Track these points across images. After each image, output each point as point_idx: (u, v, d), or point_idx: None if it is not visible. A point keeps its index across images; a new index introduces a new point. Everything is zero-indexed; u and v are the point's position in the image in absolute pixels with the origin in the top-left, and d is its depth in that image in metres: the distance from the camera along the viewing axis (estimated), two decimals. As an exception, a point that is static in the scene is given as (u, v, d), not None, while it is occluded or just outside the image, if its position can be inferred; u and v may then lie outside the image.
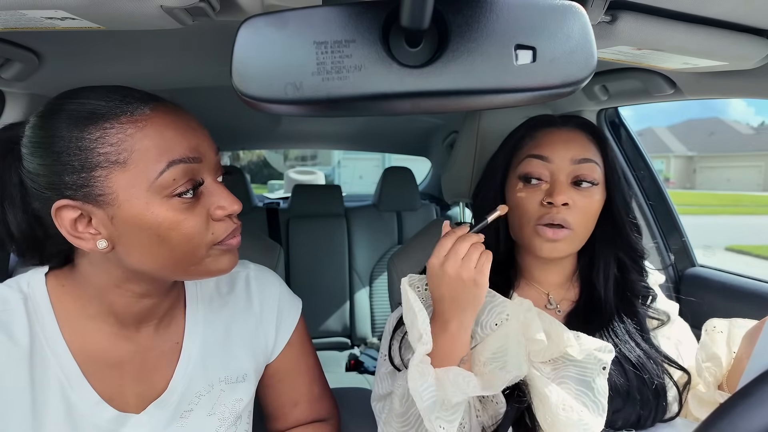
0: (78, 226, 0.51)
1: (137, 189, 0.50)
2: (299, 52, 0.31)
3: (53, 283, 0.58)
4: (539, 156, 0.71)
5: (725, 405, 0.36)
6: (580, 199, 0.70)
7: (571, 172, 0.70)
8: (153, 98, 0.54)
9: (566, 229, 0.69)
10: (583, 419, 0.61)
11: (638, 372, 0.70)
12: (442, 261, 0.64)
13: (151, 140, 0.51)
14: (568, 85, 0.33)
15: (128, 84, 0.55)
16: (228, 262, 0.58)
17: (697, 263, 1.34)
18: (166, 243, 0.52)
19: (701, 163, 37.20)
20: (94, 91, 0.52)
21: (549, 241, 0.69)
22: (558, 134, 0.72)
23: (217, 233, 0.55)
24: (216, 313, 0.67)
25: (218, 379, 0.65)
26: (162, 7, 0.49)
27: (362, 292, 2.28)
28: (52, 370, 0.56)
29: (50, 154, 0.50)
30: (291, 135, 2.43)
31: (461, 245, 0.64)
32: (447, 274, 0.63)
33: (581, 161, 0.70)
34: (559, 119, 0.76)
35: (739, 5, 0.55)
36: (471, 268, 0.63)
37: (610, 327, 0.73)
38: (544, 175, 0.70)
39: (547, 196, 0.69)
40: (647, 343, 0.74)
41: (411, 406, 0.65)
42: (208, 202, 0.55)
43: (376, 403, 0.75)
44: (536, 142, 0.73)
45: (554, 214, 0.68)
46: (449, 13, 0.32)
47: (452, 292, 0.64)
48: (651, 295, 0.79)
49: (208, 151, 0.55)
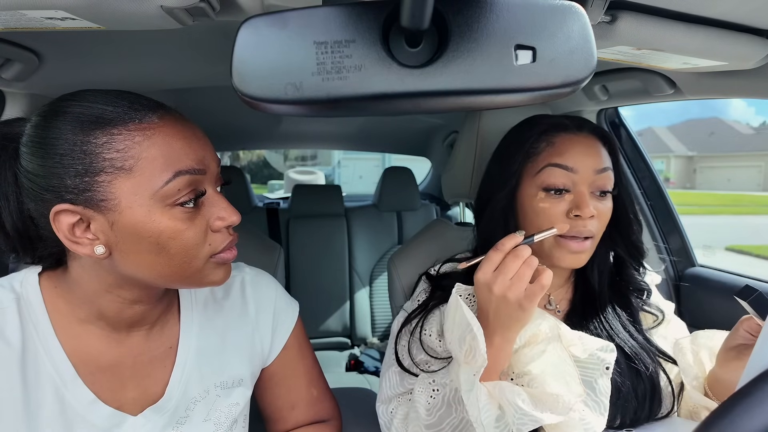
0: (76, 230, 0.51)
1: (140, 197, 0.50)
2: (299, 52, 0.31)
3: (46, 283, 0.58)
4: (563, 166, 0.68)
5: (725, 405, 0.36)
6: (600, 208, 0.70)
7: (593, 182, 0.69)
8: (160, 106, 0.53)
9: (590, 239, 0.69)
10: (585, 419, 0.61)
11: (633, 364, 0.70)
12: (489, 279, 0.60)
13: (159, 149, 0.50)
14: (568, 85, 0.33)
15: (128, 84, 0.55)
16: (222, 274, 0.58)
17: (697, 263, 1.34)
18: (164, 252, 0.52)
19: (701, 163, 37.21)
20: (100, 95, 0.52)
21: (573, 253, 0.68)
22: (578, 141, 0.70)
23: (214, 245, 0.55)
24: (211, 319, 0.67)
25: (214, 384, 0.65)
26: (162, 7, 0.49)
27: (362, 292, 2.28)
28: (45, 369, 0.55)
29: (52, 156, 0.49)
30: (291, 135, 2.43)
31: (512, 263, 0.59)
32: (493, 294, 0.60)
33: (602, 171, 0.69)
34: (572, 123, 0.73)
35: (739, 5, 0.55)
36: (520, 290, 0.58)
37: (605, 319, 0.74)
38: (567, 185, 0.69)
39: (575, 209, 0.67)
40: (641, 335, 0.74)
41: (445, 417, 0.64)
42: (208, 212, 0.55)
43: (383, 405, 0.74)
44: (557, 149, 0.70)
45: (581, 227, 0.67)
46: (449, 13, 0.32)
47: (497, 310, 0.61)
48: (646, 290, 0.80)
49: (211, 163, 0.55)
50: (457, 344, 0.62)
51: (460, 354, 0.61)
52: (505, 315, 0.60)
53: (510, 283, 0.59)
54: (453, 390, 0.65)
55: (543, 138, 0.72)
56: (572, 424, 0.60)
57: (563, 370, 0.61)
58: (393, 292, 0.96)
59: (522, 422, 0.57)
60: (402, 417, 0.71)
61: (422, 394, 0.67)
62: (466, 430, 0.64)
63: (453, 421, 0.64)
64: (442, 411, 0.65)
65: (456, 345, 0.63)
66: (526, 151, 0.72)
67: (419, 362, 0.73)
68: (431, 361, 0.73)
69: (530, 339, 0.65)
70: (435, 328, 0.74)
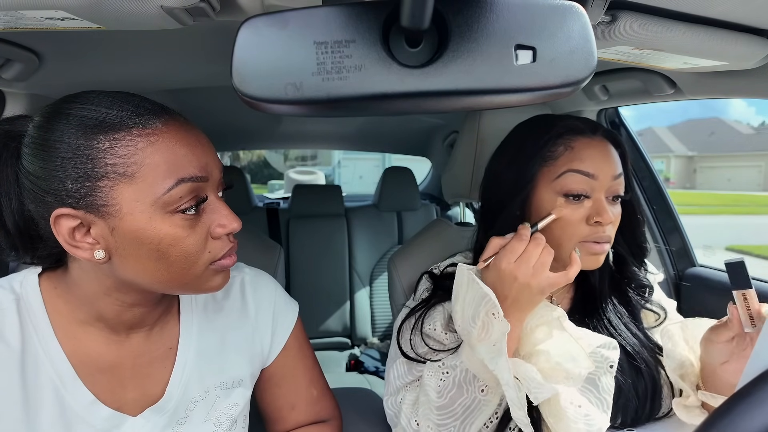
0: (76, 234, 0.50)
1: (141, 203, 0.50)
2: (299, 52, 0.31)
3: (46, 284, 0.58)
4: (584, 172, 0.68)
5: (725, 405, 0.36)
6: (615, 212, 0.70)
7: (609, 188, 0.70)
8: (165, 111, 0.53)
9: (608, 242, 0.70)
10: (589, 414, 0.61)
11: (634, 362, 0.71)
12: (513, 267, 0.63)
13: (162, 156, 0.50)
14: (568, 85, 0.33)
15: (128, 84, 0.55)
16: (221, 280, 0.57)
17: (697, 263, 1.34)
18: (164, 259, 0.52)
19: (701, 163, 37.22)
20: (105, 98, 0.51)
21: (593, 255, 0.69)
22: (596, 146, 0.70)
23: (214, 252, 0.55)
24: (211, 320, 0.67)
25: (213, 385, 0.65)
26: (162, 7, 0.49)
27: (362, 292, 2.28)
28: (44, 370, 0.55)
29: (54, 159, 0.49)
30: (291, 135, 2.43)
31: (534, 250, 0.63)
32: (518, 281, 0.62)
33: (618, 176, 0.70)
34: (586, 126, 0.72)
35: (739, 5, 0.55)
36: (543, 276, 0.62)
37: (606, 317, 0.74)
38: (587, 191, 0.69)
39: (596, 215, 0.68)
40: (642, 333, 0.75)
41: (457, 397, 0.65)
42: (209, 219, 0.54)
43: (390, 397, 0.74)
44: (576, 154, 0.69)
45: (601, 233, 0.68)
46: (449, 13, 0.32)
47: (517, 296, 0.63)
48: (648, 287, 0.80)
49: (214, 170, 0.55)
50: (470, 322, 0.63)
51: (474, 331, 0.62)
52: (525, 300, 0.63)
53: (533, 270, 0.62)
54: (464, 371, 0.65)
55: (560, 141, 0.70)
56: (576, 419, 0.60)
57: (569, 349, 0.62)
58: (393, 292, 0.96)
59: (539, 391, 0.59)
60: (411, 402, 0.71)
61: (432, 377, 0.67)
62: (478, 410, 0.65)
63: (465, 401, 0.65)
64: (453, 392, 0.65)
65: (468, 323, 0.63)
66: (543, 154, 0.71)
67: (422, 354, 0.74)
68: (434, 354, 0.73)
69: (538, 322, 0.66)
70: (439, 322, 0.75)
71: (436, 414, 0.66)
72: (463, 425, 0.65)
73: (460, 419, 0.65)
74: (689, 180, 35.30)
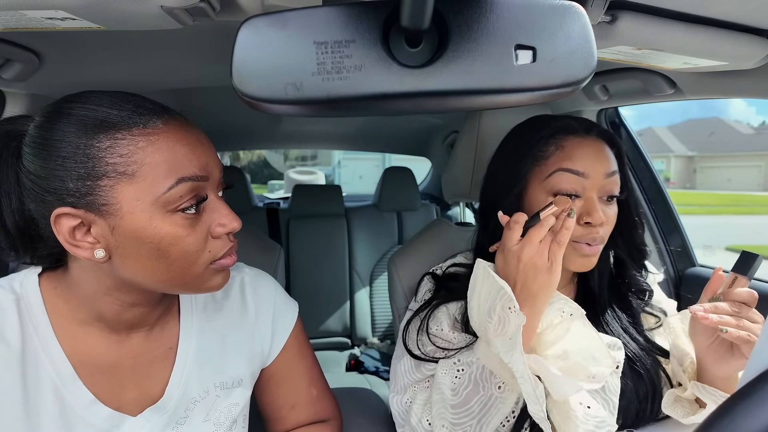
0: (76, 234, 0.50)
1: (142, 202, 0.50)
2: (299, 52, 0.31)
3: (46, 284, 0.58)
4: (574, 171, 0.68)
5: (725, 405, 0.36)
6: (608, 213, 0.69)
7: (602, 187, 0.69)
8: (165, 111, 0.53)
9: (600, 243, 0.69)
10: (598, 415, 0.61)
11: (634, 365, 0.70)
12: (517, 248, 0.62)
13: (162, 155, 0.50)
14: (568, 85, 0.33)
15: (128, 84, 0.55)
16: (221, 280, 0.57)
17: (697, 263, 1.34)
18: (164, 258, 0.52)
19: (701, 163, 37.22)
20: (105, 98, 0.51)
21: (584, 256, 0.69)
22: (588, 145, 0.70)
23: (214, 251, 0.55)
24: (211, 320, 0.67)
25: (213, 384, 0.65)
26: (162, 7, 0.49)
27: (362, 292, 2.28)
28: (45, 370, 0.55)
29: (55, 158, 0.49)
30: (291, 135, 2.43)
31: (538, 230, 0.62)
32: (522, 261, 0.61)
33: (611, 174, 0.69)
34: (580, 126, 0.72)
35: (739, 5, 0.55)
36: (546, 254, 0.61)
37: (605, 321, 0.74)
38: (578, 190, 0.68)
39: (586, 216, 0.68)
40: (642, 336, 0.74)
41: (473, 395, 0.64)
42: (209, 218, 0.55)
43: (397, 395, 0.74)
44: (566, 153, 0.69)
45: (594, 234, 0.68)
46: (449, 13, 0.32)
47: (524, 278, 0.62)
48: (648, 291, 0.80)
49: (214, 169, 0.55)
50: (485, 317, 0.62)
51: (490, 326, 0.61)
52: (533, 282, 0.62)
53: (536, 249, 0.61)
54: (480, 367, 0.64)
55: (552, 141, 0.71)
56: (585, 419, 0.60)
57: (589, 345, 0.61)
58: (393, 292, 0.96)
59: (561, 388, 0.58)
60: (422, 403, 0.70)
61: (446, 375, 0.66)
62: (495, 408, 0.63)
63: (482, 398, 0.63)
64: (470, 389, 0.64)
65: (484, 318, 0.63)
66: (535, 154, 0.71)
67: (428, 352, 0.73)
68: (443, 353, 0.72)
69: (553, 321, 0.65)
70: (445, 323, 0.74)
71: (451, 413, 0.64)
72: (480, 424, 0.63)
73: (476, 418, 0.63)
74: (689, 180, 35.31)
